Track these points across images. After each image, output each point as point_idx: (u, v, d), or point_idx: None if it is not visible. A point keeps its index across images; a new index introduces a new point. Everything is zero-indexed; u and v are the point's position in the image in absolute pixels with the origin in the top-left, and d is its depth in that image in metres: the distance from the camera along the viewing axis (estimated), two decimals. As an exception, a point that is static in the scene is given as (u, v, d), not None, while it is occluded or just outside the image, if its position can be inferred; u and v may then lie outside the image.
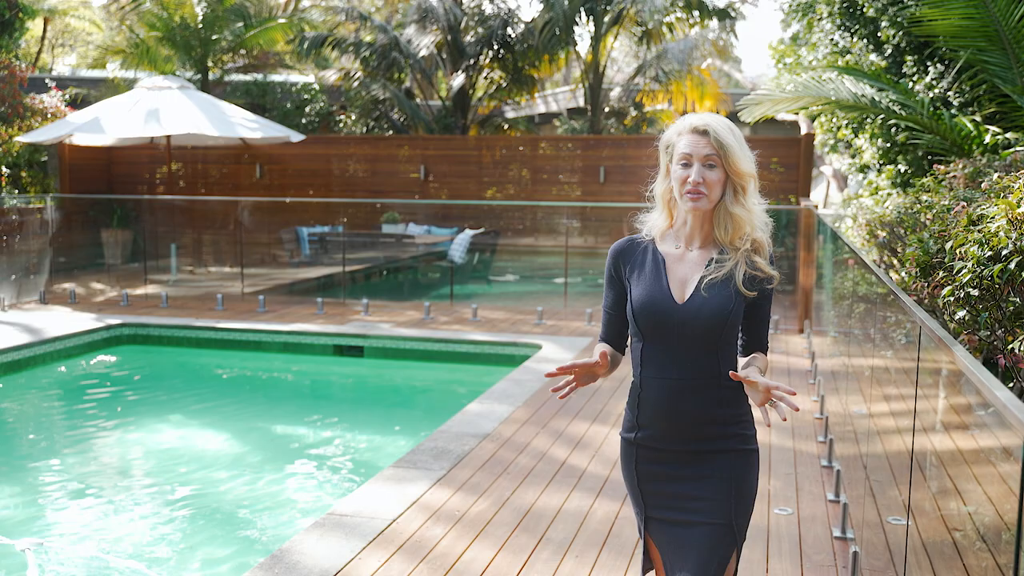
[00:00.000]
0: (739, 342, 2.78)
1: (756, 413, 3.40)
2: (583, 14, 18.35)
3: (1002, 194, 2.99)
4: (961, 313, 2.89)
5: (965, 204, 3.44)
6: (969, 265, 2.80)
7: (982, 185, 3.91)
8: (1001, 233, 2.67)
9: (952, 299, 2.97)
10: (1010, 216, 2.71)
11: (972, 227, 3.02)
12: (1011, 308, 2.69)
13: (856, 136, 11.11)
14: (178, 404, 9.01)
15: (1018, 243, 2.59)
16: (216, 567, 5.24)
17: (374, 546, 4.51)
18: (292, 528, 5.73)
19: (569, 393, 2.60)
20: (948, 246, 3.01)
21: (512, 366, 9.05)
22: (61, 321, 10.56)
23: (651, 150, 2.89)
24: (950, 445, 3.34)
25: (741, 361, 2.73)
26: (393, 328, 10.38)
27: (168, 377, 10.10)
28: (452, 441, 6.25)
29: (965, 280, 2.84)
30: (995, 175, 3.82)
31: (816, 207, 11.00)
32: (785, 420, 2.44)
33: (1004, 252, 2.66)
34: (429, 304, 11.45)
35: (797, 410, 2.43)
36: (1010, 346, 2.72)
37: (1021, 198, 2.71)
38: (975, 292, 2.79)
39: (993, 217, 2.81)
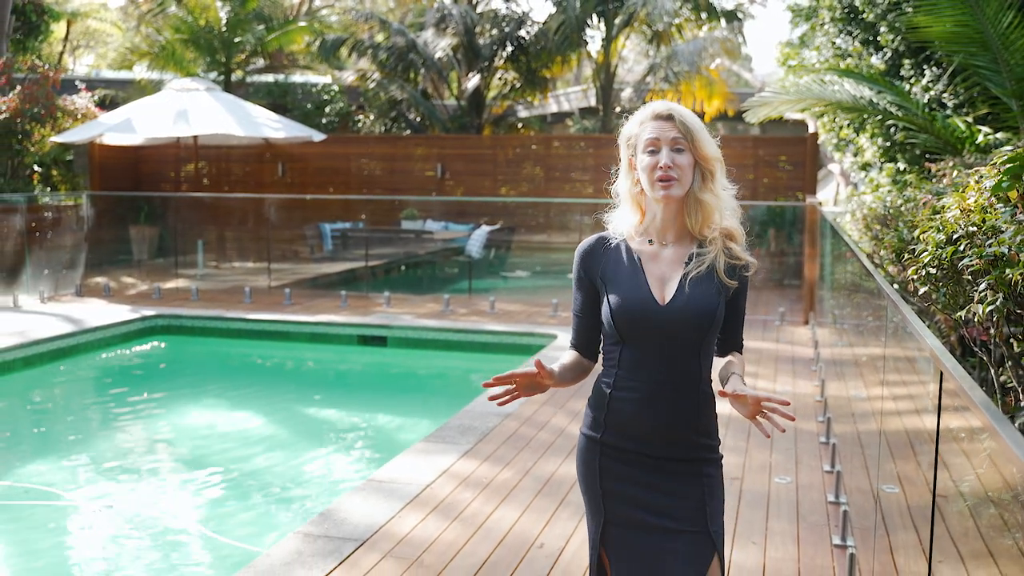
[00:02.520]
0: (716, 341, 2.63)
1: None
2: (595, 16, 18.84)
3: (960, 189, 3.48)
4: (923, 289, 3.39)
5: (932, 198, 3.92)
6: (929, 248, 3.29)
7: (944, 181, 4.39)
8: (953, 220, 3.16)
9: (915, 277, 3.47)
10: (961, 207, 3.21)
11: (934, 216, 3.51)
12: (963, 287, 3.17)
13: (857, 135, 11.59)
14: (214, 389, 9.55)
15: (966, 229, 3.08)
16: (264, 528, 5.76)
17: (412, 507, 5.01)
18: (331, 497, 6.24)
19: (510, 401, 2.49)
20: (916, 233, 3.52)
21: (529, 354, 9.54)
22: (98, 312, 11.10)
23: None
24: (928, 422, 3.78)
25: (718, 362, 2.60)
26: (415, 319, 10.88)
27: (203, 365, 10.67)
28: (476, 419, 6.75)
29: (926, 261, 3.33)
30: (956, 172, 4.31)
31: (820, 204, 11.47)
32: (783, 431, 2.33)
33: (955, 236, 3.14)
34: (448, 297, 11.94)
35: (793, 419, 2.29)
36: (957, 315, 3.21)
37: (972, 192, 3.20)
38: (934, 271, 3.29)
39: (949, 208, 3.31)
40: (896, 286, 4.84)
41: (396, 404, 9.19)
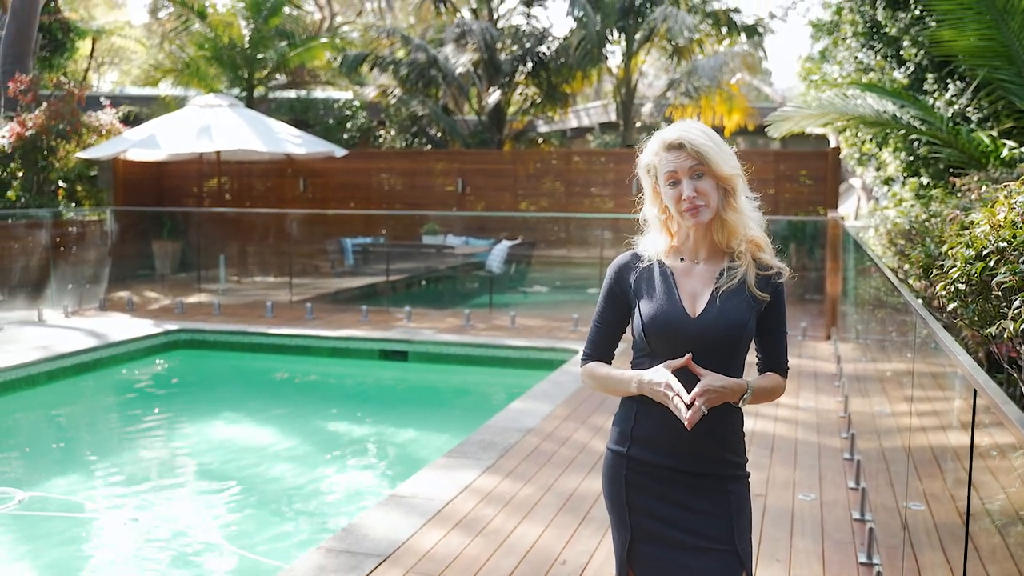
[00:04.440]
0: (757, 360, 2.66)
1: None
2: (615, 32, 18.87)
3: (989, 204, 3.45)
4: (952, 305, 3.36)
5: (960, 213, 3.89)
6: (958, 264, 3.27)
7: (972, 196, 4.36)
8: (983, 236, 3.13)
9: (944, 293, 3.44)
10: (991, 222, 3.18)
11: (963, 232, 3.49)
12: (993, 303, 3.14)
13: (880, 150, 11.53)
14: (236, 404, 9.58)
15: (997, 244, 3.05)
16: (287, 543, 5.76)
17: (433, 522, 5.00)
18: (353, 512, 6.24)
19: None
20: (944, 248, 3.49)
21: (549, 370, 9.50)
22: (121, 327, 11.17)
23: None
24: (955, 438, 3.74)
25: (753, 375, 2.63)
26: (435, 334, 10.89)
27: (225, 379, 10.71)
28: (498, 435, 6.73)
29: (955, 277, 3.30)
30: (983, 187, 4.28)
31: (843, 219, 11.40)
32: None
33: (985, 252, 3.12)
34: (469, 312, 11.94)
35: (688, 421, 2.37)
36: (987, 331, 3.18)
37: (1002, 207, 3.17)
38: (963, 287, 3.26)
39: (978, 223, 3.28)
40: (920, 301, 4.80)
41: (417, 419, 9.19)
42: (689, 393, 2.42)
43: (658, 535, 2.56)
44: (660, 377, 2.44)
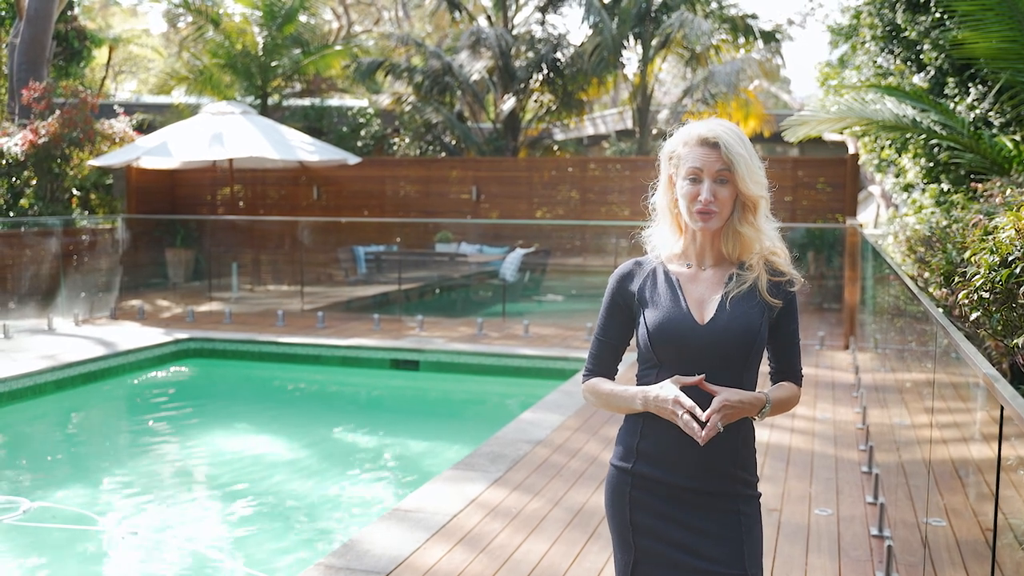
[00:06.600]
0: (769, 369, 2.54)
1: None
2: (631, 38, 18.72)
3: (1014, 208, 3.28)
4: (976, 314, 3.20)
5: (984, 218, 3.73)
6: (982, 271, 3.10)
7: (996, 200, 4.19)
8: (1008, 242, 2.96)
9: (967, 302, 3.27)
10: (1017, 227, 3.01)
11: (987, 237, 3.32)
12: (1018, 312, 2.98)
13: (899, 156, 11.33)
14: (245, 413, 9.48)
15: (1023, 250, 2.88)
16: (288, 556, 5.63)
17: (437, 538, 4.86)
18: (357, 525, 6.10)
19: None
20: (967, 255, 3.33)
21: (562, 379, 9.35)
22: (132, 335, 11.09)
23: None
24: (977, 451, 3.58)
25: (767, 387, 2.51)
26: (447, 343, 10.75)
27: (235, 388, 10.61)
28: (507, 446, 6.58)
29: (978, 284, 3.14)
30: (1007, 191, 4.11)
31: (862, 226, 11.21)
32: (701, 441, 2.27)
33: (1011, 258, 2.95)
34: (482, 320, 11.80)
35: (702, 437, 2.25)
36: (1012, 342, 3.01)
37: (1029, 210, 3.02)
38: (987, 295, 3.09)
39: (1003, 228, 3.11)
40: (941, 310, 4.63)
41: (427, 429, 9.06)
42: (702, 408, 2.29)
43: (663, 557, 2.42)
44: (667, 393, 2.31)
